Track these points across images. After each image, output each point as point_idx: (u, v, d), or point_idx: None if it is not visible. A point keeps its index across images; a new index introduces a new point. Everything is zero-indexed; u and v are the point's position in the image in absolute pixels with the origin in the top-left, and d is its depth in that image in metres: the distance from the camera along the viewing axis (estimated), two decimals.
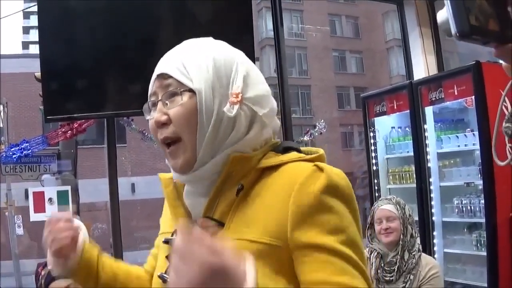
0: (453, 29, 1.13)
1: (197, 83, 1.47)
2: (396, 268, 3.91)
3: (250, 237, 1.39)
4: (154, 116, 1.52)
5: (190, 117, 1.46)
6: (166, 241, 1.57)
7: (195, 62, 1.50)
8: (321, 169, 1.42)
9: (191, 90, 1.47)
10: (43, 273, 3.02)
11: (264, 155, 1.52)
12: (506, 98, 1.55)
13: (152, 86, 1.56)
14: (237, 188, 1.45)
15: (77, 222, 4.52)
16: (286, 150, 1.55)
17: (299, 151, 1.56)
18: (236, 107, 1.48)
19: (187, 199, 1.55)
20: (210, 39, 1.62)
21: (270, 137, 1.58)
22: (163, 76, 1.52)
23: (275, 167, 1.47)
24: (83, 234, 4.46)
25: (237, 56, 1.57)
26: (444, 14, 1.16)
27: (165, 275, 1.51)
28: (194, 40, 1.59)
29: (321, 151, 1.55)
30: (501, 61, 1.33)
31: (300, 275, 1.38)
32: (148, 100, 1.57)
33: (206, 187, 1.51)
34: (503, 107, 1.81)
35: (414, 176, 6.41)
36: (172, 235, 1.55)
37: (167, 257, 1.53)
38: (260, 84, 1.57)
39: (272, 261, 1.37)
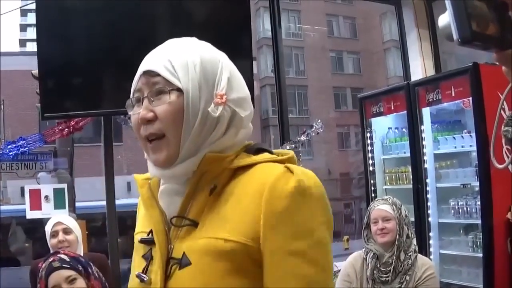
0: (455, 35, 1.13)
1: (185, 83, 1.50)
2: (391, 269, 3.90)
3: (225, 236, 1.41)
4: (138, 112, 1.54)
5: (177, 116, 1.49)
6: (142, 241, 1.59)
7: (182, 61, 1.52)
8: (291, 171, 1.45)
9: (178, 89, 1.49)
10: (43, 265, 3.03)
11: (236, 155, 1.54)
12: (505, 102, 1.55)
13: (136, 82, 1.57)
14: (211, 188, 1.48)
15: (71, 220, 4.50)
16: (258, 151, 1.58)
17: (270, 152, 1.58)
18: (220, 107, 1.51)
19: (161, 199, 1.57)
20: (195, 39, 1.64)
21: (245, 138, 1.61)
22: (150, 74, 1.53)
23: (247, 167, 1.50)
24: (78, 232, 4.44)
25: (221, 57, 1.60)
26: (445, 19, 1.15)
27: (142, 274, 1.53)
28: (179, 40, 1.62)
29: (291, 153, 1.58)
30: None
31: (267, 282, 1.41)
32: (132, 96, 1.58)
33: (180, 186, 1.54)
34: (501, 110, 1.80)
35: (411, 177, 6.42)
36: (148, 235, 1.58)
37: (143, 256, 1.57)
38: (242, 86, 1.60)
39: (243, 261, 1.41)
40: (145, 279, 1.52)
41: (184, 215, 1.50)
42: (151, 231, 1.55)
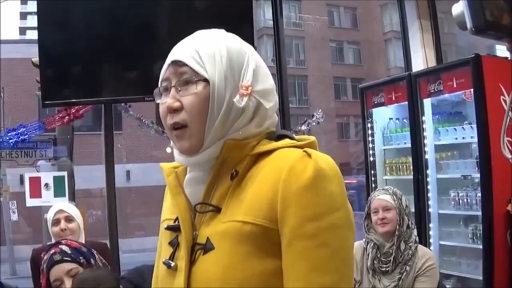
0: (469, 24, 1.13)
1: (212, 74, 1.53)
2: (392, 259, 3.90)
3: (243, 219, 1.45)
4: (165, 101, 1.57)
5: (202, 106, 1.52)
6: (168, 228, 1.63)
7: (209, 52, 1.55)
8: (309, 155, 1.47)
9: (205, 80, 1.52)
10: (45, 257, 3.01)
11: (258, 142, 1.57)
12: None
13: (164, 72, 1.60)
14: (231, 173, 1.52)
15: (73, 208, 4.49)
16: (280, 137, 1.60)
17: (292, 138, 1.61)
18: (245, 98, 1.54)
19: (187, 187, 1.60)
20: (222, 31, 1.66)
21: (269, 128, 1.63)
22: (177, 63, 1.56)
23: (268, 153, 1.53)
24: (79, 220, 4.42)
25: (247, 49, 1.63)
26: (459, 8, 1.15)
27: (169, 261, 1.57)
28: (207, 31, 1.64)
29: (312, 138, 1.61)
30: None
31: (282, 263, 1.44)
32: (160, 85, 1.62)
33: (204, 174, 1.57)
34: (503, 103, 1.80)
35: (411, 167, 6.41)
36: (174, 222, 1.61)
37: (169, 243, 1.61)
38: (267, 78, 1.63)
39: (264, 242, 1.44)
40: (171, 265, 1.55)
41: (207, 202, 1.54)
42: (177, 218, 1.59)
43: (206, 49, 1.55)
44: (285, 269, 1.43)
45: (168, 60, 1.59)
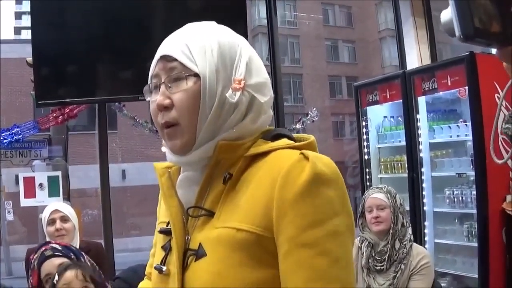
0: (457, 31, 1.12)
1: (202, 68, 1.46)
2: (386, 258, 3.90)
3: (237, 226, 1.39)
4: (155, 98, 1.50)
5: (193, 102, 1.46)
6: (161, 231, 1.58)
7: (200, 45, 1.48)
8: (306, 158, 1.40)
9: (196, 75, 1.46)
10: (35, 256, 3.02)
11: (253, 143, 1.50)
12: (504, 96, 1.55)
13: (154, 68, 1.53)
14: (224, 176, 1.45)
15: (68, 208, 4.49)
16: (277, 137, 1.53)
17: (290, 137, 1.54)
18: (238, 93, 1.48)
19: (179, 188, 1.54)
20: (213, 23, 1.60)
21: (265, 124, 1.57)
22: (166, 58, 1.49)
23: (263, 154, 1.46)
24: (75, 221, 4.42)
25: (240, 41, 1.56)
26: (447, 15, 1.14)
27: (161, 266, 1.52)
28: (198, 24, 1.57)
29: (311, 137, 1.54)
30: (504, 63, 1.32)
31: (280, 273, 1.38)
32: (149, 81, 1.55)
33: (197, 174, 1.51)
34: (501, 106, 1.79)
35: (406, 165, 6.41)
36: (167, 225, 1.55)
37: (162, 247, 1.56)
38: (261, 71, 1.56)
39: (257, 251, 1.38)
40: (163, 269, 1.51)
41: (200, 205, 1.48)
42: (169, 222, 1.53)
43: (196, 43, 1.48)
44: (283, 279, 1.37)
45: (157, 55, 1.52)
